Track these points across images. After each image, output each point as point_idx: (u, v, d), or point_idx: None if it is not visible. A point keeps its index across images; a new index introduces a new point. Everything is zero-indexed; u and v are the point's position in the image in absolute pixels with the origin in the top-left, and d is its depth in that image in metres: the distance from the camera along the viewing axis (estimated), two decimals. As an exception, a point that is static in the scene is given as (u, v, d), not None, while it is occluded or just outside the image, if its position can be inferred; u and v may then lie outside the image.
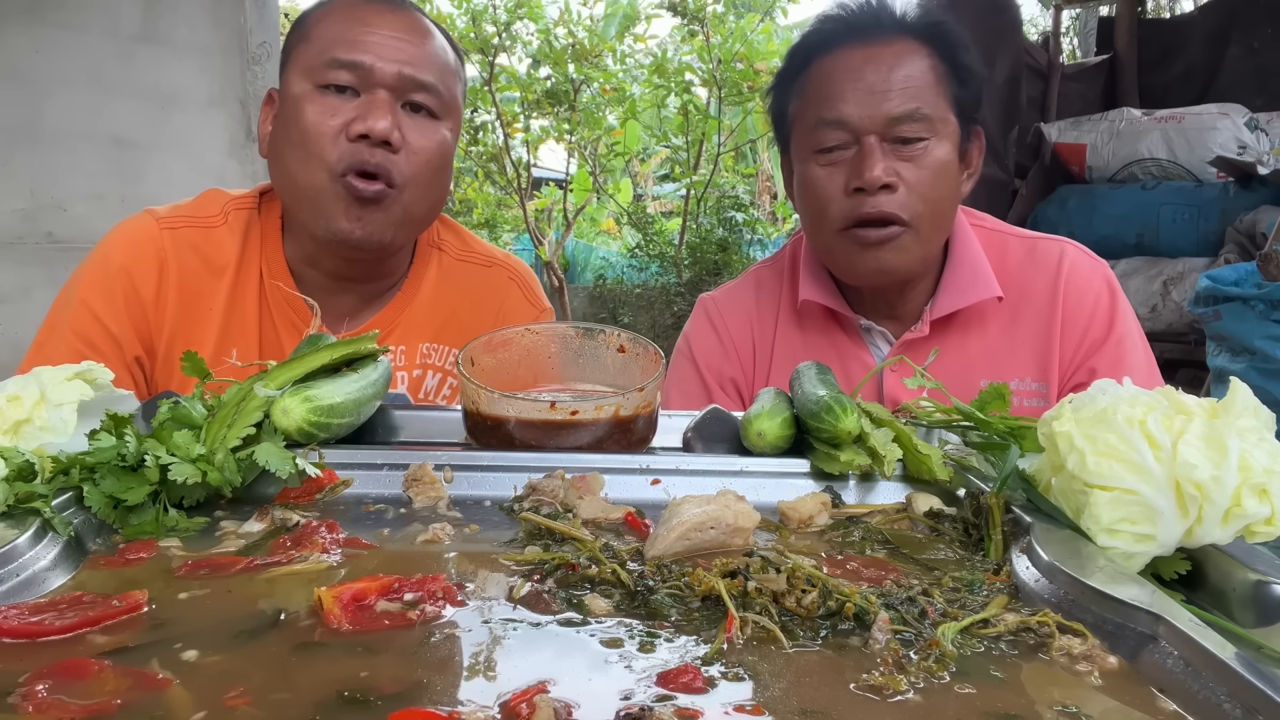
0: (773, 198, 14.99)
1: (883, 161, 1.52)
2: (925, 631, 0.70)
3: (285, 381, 1.06)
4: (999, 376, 1.60)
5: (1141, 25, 6.11)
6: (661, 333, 9.31)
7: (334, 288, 1.62)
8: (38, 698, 0.57)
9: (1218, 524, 0.80)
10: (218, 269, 1.58)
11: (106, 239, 1.60)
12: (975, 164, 1.67)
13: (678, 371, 1.84)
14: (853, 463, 1.06)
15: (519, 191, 10.30)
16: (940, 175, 1.56)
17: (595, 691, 0.61)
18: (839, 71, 1.57)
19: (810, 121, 1.59)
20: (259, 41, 4.15)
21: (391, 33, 1.51)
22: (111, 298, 1.53)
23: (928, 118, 1.53)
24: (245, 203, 1.64)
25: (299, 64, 1.53)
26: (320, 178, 1.48)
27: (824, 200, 1.58)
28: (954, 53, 1.59)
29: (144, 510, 0.90)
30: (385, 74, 1.49)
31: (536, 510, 0.94)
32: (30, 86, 3.64)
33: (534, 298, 1.81)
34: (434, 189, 1.58)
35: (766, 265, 1.88)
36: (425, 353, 1.69)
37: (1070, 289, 1.64)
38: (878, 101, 1.53)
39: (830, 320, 1.73)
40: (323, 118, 1.47)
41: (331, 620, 0.69)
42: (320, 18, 1.55)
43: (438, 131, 1.56)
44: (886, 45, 1.57)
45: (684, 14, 9.42)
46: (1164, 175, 5.04)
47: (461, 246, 1.79)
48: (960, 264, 1.66)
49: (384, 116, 1.46)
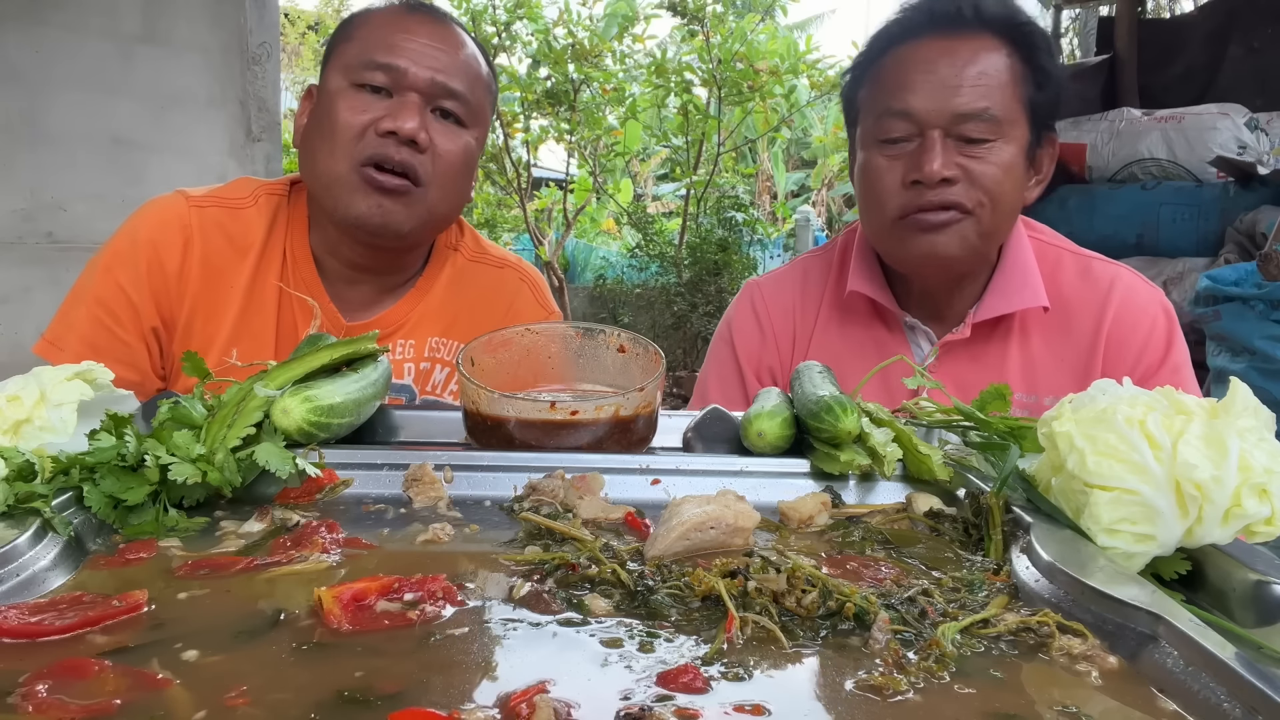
0: (773, 198, 15.00)
1: (943, 156, 1.49)
2: (925, 631, 0.70)
3: (285, 381, 1.06)
4: (1034, 390, 1.60)
5: (1141, 25, 6.10)
6: (662, 333, 9.31)
7: (353, 277, 1.69)
8: (38, 698, 0.57)
9: (1218, 524, 0.80)
10: (242, 249, 1.63)
11: (136, 214, 1.66)
12: (1045, 171, 1.62)
13: (716, 356, 1.83)
14: (853, 463, 1.06)
15: (519, 191, 10.29)
16: (1005, 175, 1.52)
17: (595, 691, 0.61)
18: (912, 62, 1.54)
19: (877, 110, 1.57)
20: (259, 41, 4.16)
21: (429, 41, 1.58)
22: (135, 268, 1.59)
23: (996, 119, 1.50)
24: (276, 189, 1.71)
25: (339, 62, 1.60)
26: (343, 166, 1.54)
27: (882, 191, 1.56)
28: (1035, 54, 1.55)
29: (144, 510, 0.90)
30: (418, 78, 1.56)
31: (536, 510, 0.94)
32: (30, 86, 3.64)
33: (543, 300, 1.86)
34: (456, 192, 1.65)
35: (816, 255, 1.86)
36: (434, 346, 1.74)
37: (1122, 314, 1.61)
38: (947, 96, 1.49)
39: (874, 315, 1.71)
40: (353, 113, 1.54)
41: (331, 620, 0.69)
42: (365, 20, 1.63)
43: (463, 138, 1.62)
44: (965, 39, 1.53)
45: (684, 14, 9.41)
46: (1164, 175, 5.04)
47: (476, 248, 1.85)
48: (1011, 269, 1.63)
49: (412, 117, 1.53)
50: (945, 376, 1.61)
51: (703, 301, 9.21)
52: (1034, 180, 1.61)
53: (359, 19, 1.64)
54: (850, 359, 1.64)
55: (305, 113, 1.67)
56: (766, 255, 10.98)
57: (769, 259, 11.07)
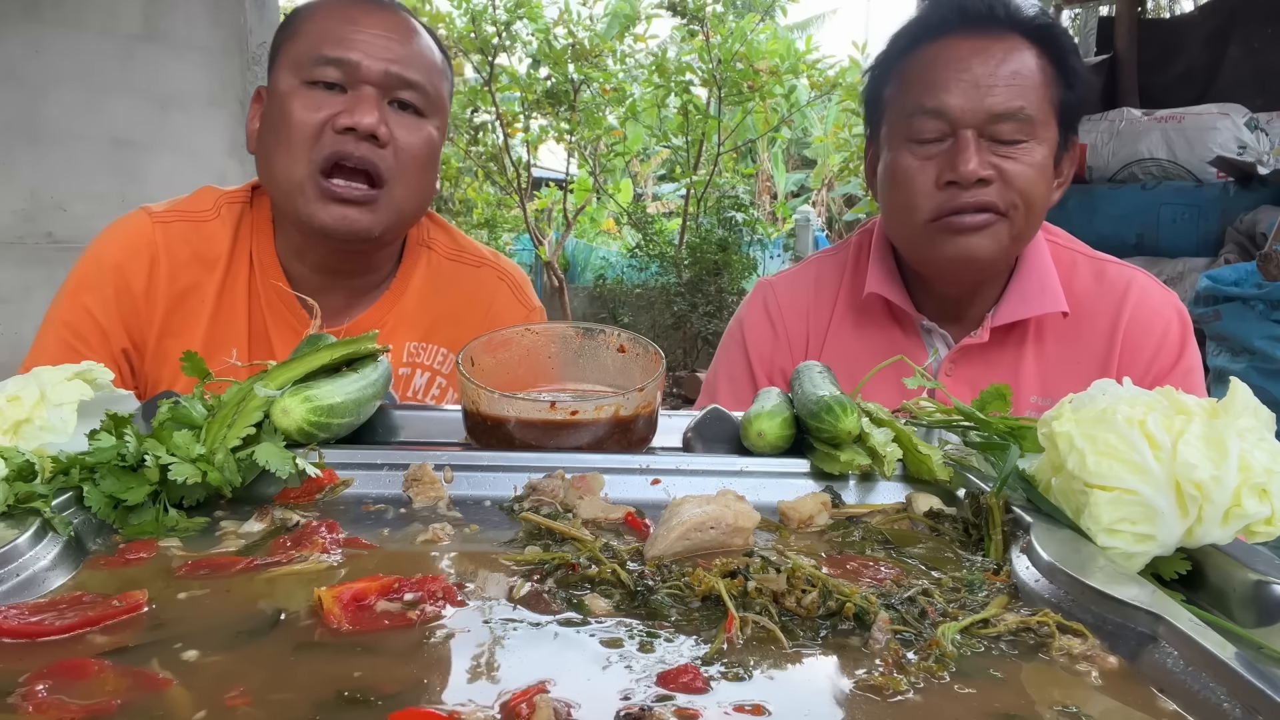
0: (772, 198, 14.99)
1: (979, 156, 1.47)
2: (925, 631, 0.70)
3: (285, 381, 1.06)
4: (1049, 394, 1.59)
5: (1141, 25, 6.10)
6: (661, 333, 9.31)
7: (322, 283, 1.64)
8: (38, 698, 0.57)
9: (1218, 524, 0.80)
10: (209, 262, 1.61)
11: (102, 235, 1.64)
12: (1066, 175, 1.62)
13: (727, 356, 1.81)
14: (853, 463, 1.06)
15: (519, 191, 10.30)
16: (1039, 177, 1.51)
17: (595, 691, 0.61)
18: (944, 60, 1.52)
19: (908, 108, 1.54)
20: (259, 41, 4.16)
21: (379, 31, 1.54)
22: (102, 292, 1.57)
23: (1030, 119, 1.49)
24: (237, 197, 1.67)
25: (287, 60, 1.55)
26: (302, 170, 1.50)
27: (913, 192, 1.53)
28: (1064, 56, 1.54)
29: (144, 510, 0.90)
30: (372, 71, 1.51)
31: (536, 510, 0.94)
32: (30, 86, 3.64)
33: (523, 297, 1.82)
34: (421, 186, 1.61)
35: (829, 255, 1.84)
36: (413, 351, 1.71)
37: (1137, 317, 1.60)
38: (982, 95, 1.48)
39: (889, 317, 1.70)
40: (308, 112, 1.50)
41: (331, 620, 0.69)
42: (309, 15, 1.58)
43: (424, 128, 1.58)
44: (998, 39, 1.51)
45: (684, 14, 9.41)
46: (1164, 175, 5.04)
47: (452, 245, 1.80)
48: (1030, 273, 1.62)
49: (370, 111, 1.49)
50: (960, 380, 1.61)
51: (703, 301, 9.22)
52: (1056, 183, 1.60)
53: (303, 13, 1.59)
54: (865, 361, 1.62)
55: (256, 116, 1.62)
56: (766, 255, 10.99)
57: (769, 259, 11.08)
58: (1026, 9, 1.54)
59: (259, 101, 1.63)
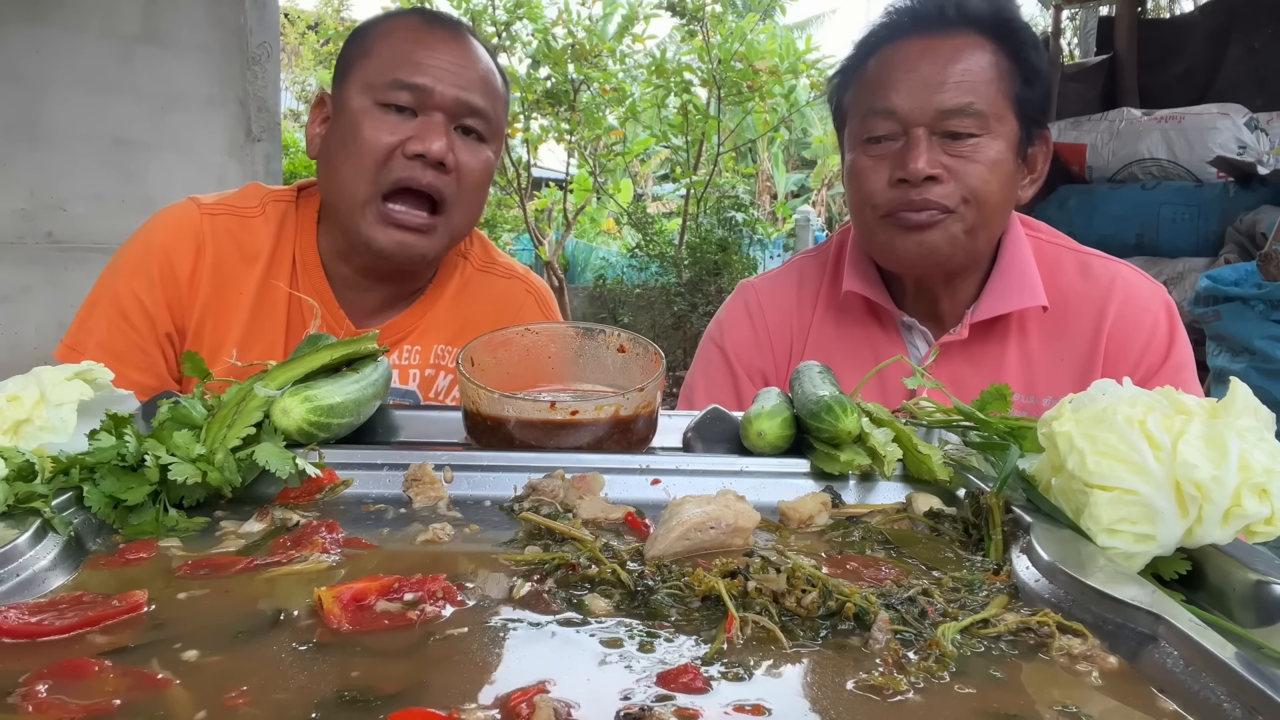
0: (772, 198, 15.00)
1: (928, 154, 1.49)
2: (925, 631, 0.70)
3: (285, 381, 1.06)
4: (1033, 391, 1.59)
5: (1141, 25, 6.10)
6: (662, 333, 9.31)
7: (362, 285, 1.69)
8: (38, 698, 0.57)
9: (1218, 524, 0.80)
10: (251, 256, 1.64)
11: (151, 221, 1.68)
12: (1040, 169, 1.62)
13: (705, 357, 1.82)
14: (853, 463, 1.06)
15: (519, 191, 10.30)
16: (992, 173, 1.52)
17: (595, 691, 0.61)
18: (895, 62, 1.55)
19: (862, 110, 1.58)
20: (259, 41, 4.16)
21: (452, 58, 1.58)
22: (149, 275, 1.60)
23: (981, 114, 1.50)
24: (283, 196, 1.71)
25: (359, 78, 1.58)
26: (368, 191, 1.55)
27: (869, 190, 1.56)
28: (1021, 50, 1.55)
29: (144, 510, 0.90)
30: (444, 98, 1.55)
31: (536, 510, 0.94)
32: (30, 86, 3.64)
33: (549, 312, 1.87)
34: (476, 208, 1.68)
35: (811, 255, 1.86)
36: (439, 354, 1.75)
37: (1124, 313, 1.60)
38: (930, 93, 1.50)
39: (870, 315, 1.71)
40: (380, 134, 1.54)
41: (331, 620, 0.69)
42: (383, 34, 1.61)
43: (484, 153, 1.63)
44: (948, 38, 1.54)
45: (683, 14, 9.42)
46: (1164, 175, 5.04)
47: (485, 257, 1.85)
48: (1008, 269, 1.63)
49: (440, 138, 1.53)
50: (942, 377, 1.60)
51: (703, 301, 9.22)
52: (1028, 179, 1.61)
53: (376, 32, 1.63)
54: (846, 359, 1.63)
55: (318, 121, 1.66)
56: (766, 255, 10.99)
57: (769, 259, 11.08)
58: (979, 6, 1.56)
59: (321, 107, 1.66)
